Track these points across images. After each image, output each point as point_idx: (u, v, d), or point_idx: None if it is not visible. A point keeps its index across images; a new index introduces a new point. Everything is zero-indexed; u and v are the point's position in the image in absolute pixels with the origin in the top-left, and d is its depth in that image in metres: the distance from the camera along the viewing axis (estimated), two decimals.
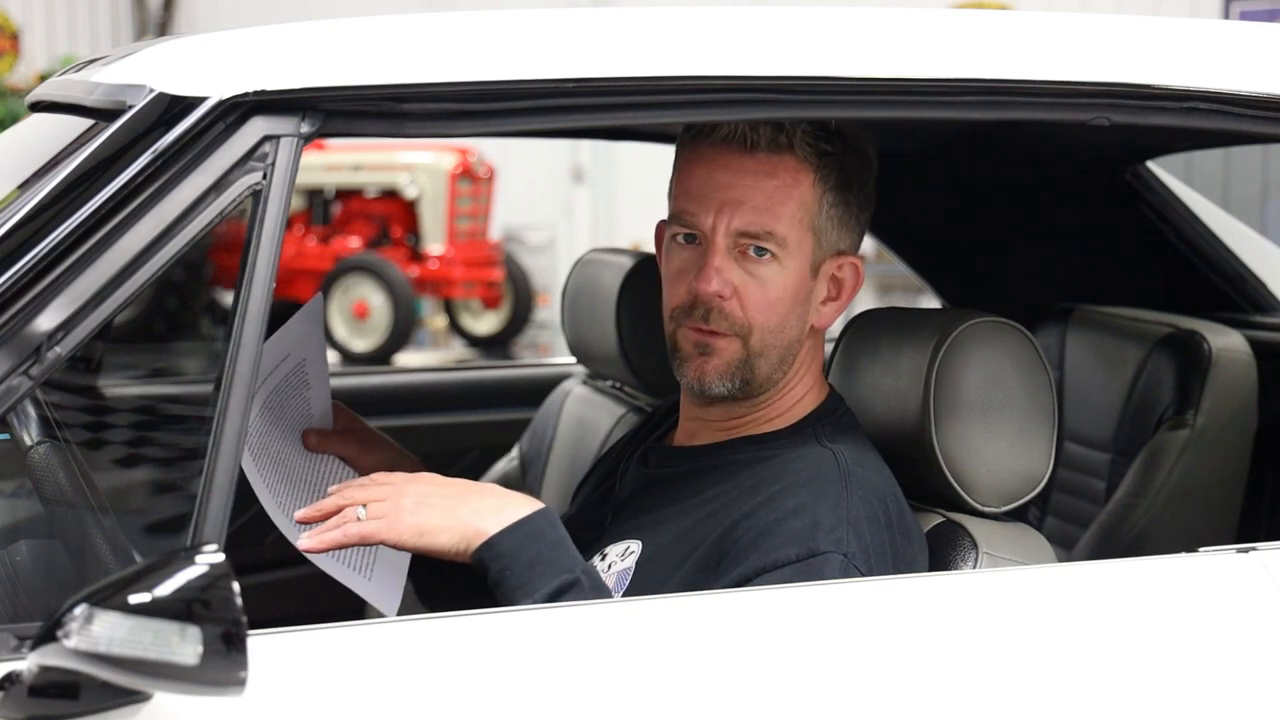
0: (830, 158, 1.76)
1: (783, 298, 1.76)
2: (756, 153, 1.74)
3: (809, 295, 1.79)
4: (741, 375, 1.77)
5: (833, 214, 1.78)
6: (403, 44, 1.61)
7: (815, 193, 1.76)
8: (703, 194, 1.76)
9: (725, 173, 1.75)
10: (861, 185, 1.81)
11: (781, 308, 1.76)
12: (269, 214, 1.50)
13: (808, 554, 1.64)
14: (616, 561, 1.77)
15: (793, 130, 1.74)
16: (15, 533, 1.86)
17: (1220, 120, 1.82)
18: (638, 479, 1.89)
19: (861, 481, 1.72)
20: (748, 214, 1.74)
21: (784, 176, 1.74)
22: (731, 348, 1.76)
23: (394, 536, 1.61)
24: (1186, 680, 1.66)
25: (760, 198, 1.74)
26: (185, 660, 1.29)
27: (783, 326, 1.77)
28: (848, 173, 1.79)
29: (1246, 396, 2.60)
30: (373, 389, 3.28)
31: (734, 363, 1.76)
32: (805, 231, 1.76)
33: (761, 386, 1.79)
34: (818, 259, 1.78)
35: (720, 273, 1.74)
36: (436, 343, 12.03)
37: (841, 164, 1.78)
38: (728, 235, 1.74)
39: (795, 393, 1.82)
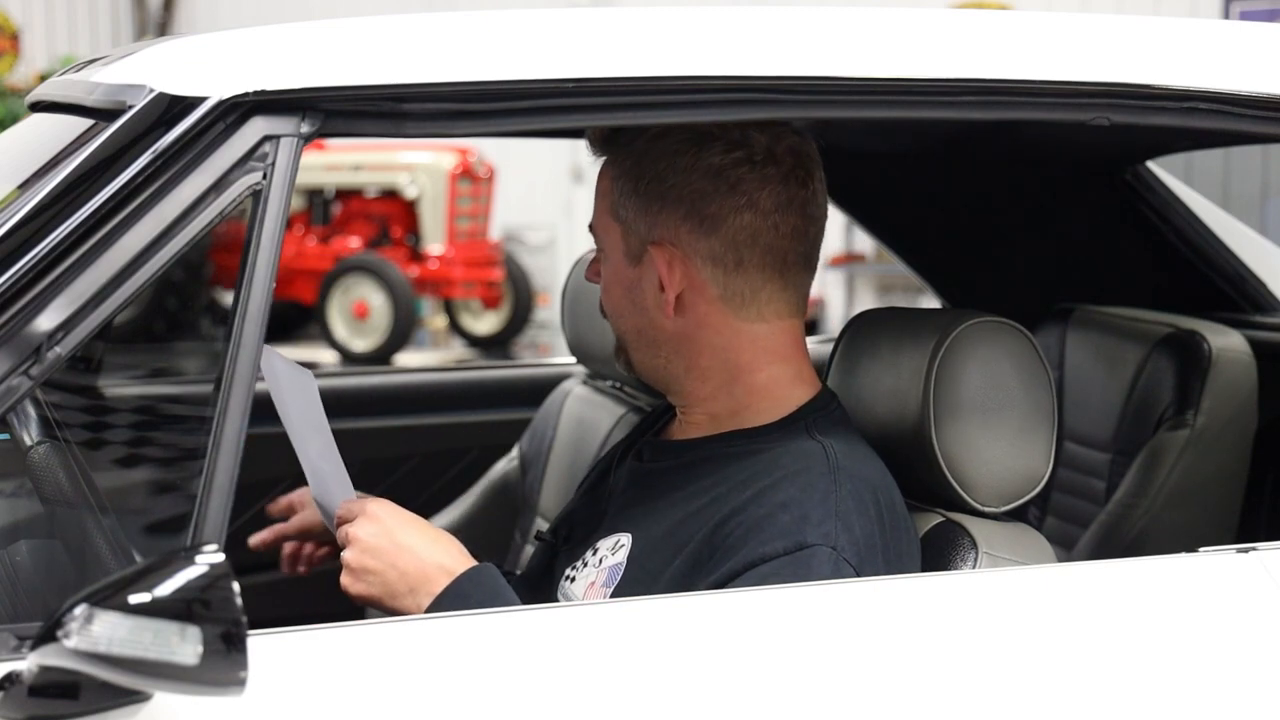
0: (620, 148, 1.81)
1: (609, 286, 1.86)
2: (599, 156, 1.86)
3: (635, 283, 1.81)
4: (623, 359, 1.88)
5: (629, 203, 1.80)
6: (403, 44, 1.61)
7: (609, 183, 1.83)
8: None
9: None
10: (662, 173, 1.76)
11: (612, 294, 1.85)
12: (269, 214, 1.50)
13: (796, 547, 1.64)
14: (607, 555, 1.78)
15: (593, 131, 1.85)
16: (15, 533, 1.86)
17: (1220, 120, 1.82)
18: (631, 473, 1.90)
19: (851, 474, 1.72)
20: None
21: (601, 174, 1.86)
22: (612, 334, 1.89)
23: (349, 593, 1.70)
24: (1186, 680, 1.66)
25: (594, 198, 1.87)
26: (185, 660, 1.29)
27: (620, 313, 1.85)
28: (639, 159, 1.79)
29: (1246, 396, 2.61)
30: (373, 389, 3.28)
31: (614, 348, 1.90)
32: (610, 219, 1.83)
33: (650, 371, 1.86)
34: (633, 247, 1.81)
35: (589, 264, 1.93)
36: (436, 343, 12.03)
37: (632, 151, 1.80)
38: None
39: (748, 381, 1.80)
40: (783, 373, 1.82)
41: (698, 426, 1.85)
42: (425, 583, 1.65)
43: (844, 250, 11.33)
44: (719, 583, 1.65)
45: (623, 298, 1.83)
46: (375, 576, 1.67)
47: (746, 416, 1.81)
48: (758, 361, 1.81)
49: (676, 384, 1.84)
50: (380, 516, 1.69)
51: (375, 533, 1.68)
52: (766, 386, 1.81)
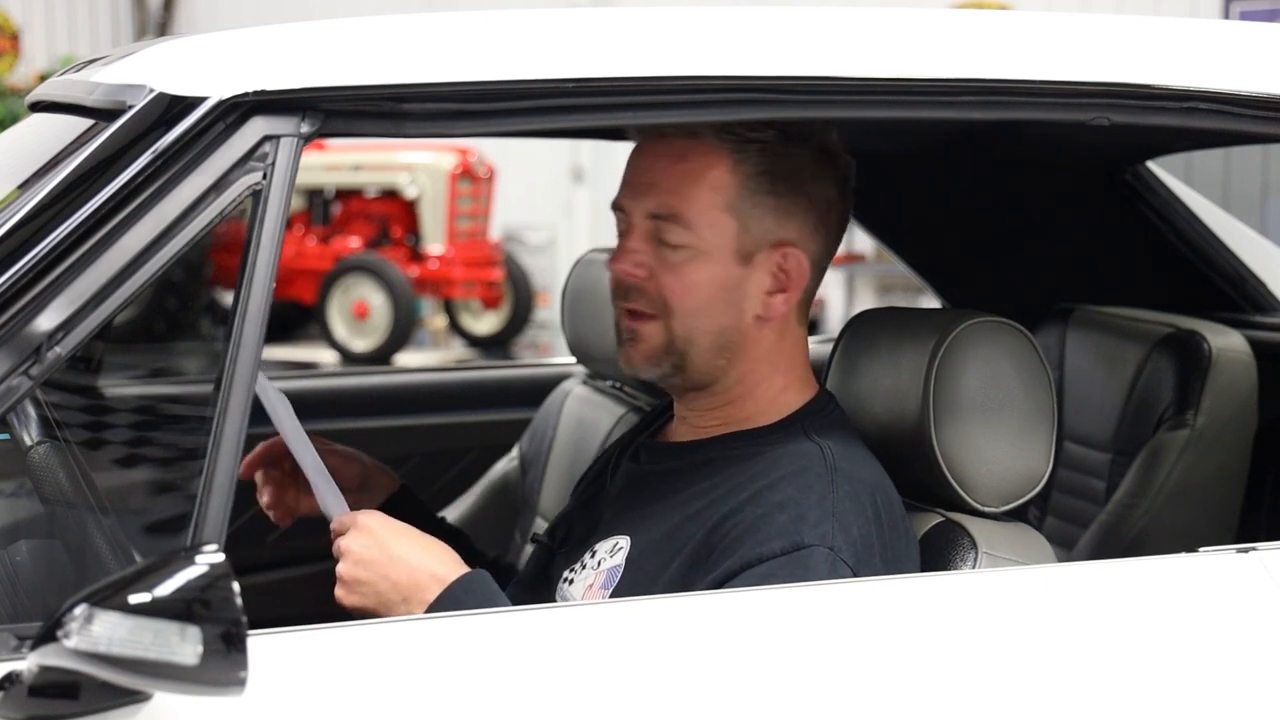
0: (754, 144, 1.76)
1: (700, 282, 1.76)
2: (670, 140, 1.78)
3: (740, 283, 1.77)
4: (670, 361, 1.78)
5: (760, 201, 1.76)
6: (403, 44, 1.61)
7: (733, 177, 1.76)
8: (627, 178, 1.82)
9: (644, 157, 1.80)
10: (803, 180, 1.78)
11: (700, 292, 1.76)
12: (269, 214, 1.50)
13: (793, 547, 1.64)
14: (606, 558, 1.78)
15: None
16: (15, 533, 1.86)
17: (1220, 120, 1.82)
18: (628, 475, 1.89)
19: (848, 475, 1.72)
20: (658, 195, 1.77)
21: (695, 160, 1.76)
22: (654, 332, 1.78)
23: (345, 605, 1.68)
24: (1186, 680, 1.66)
25: (670, 180, 1.77)
26: (185, 660, 1.29)
27: (706, 312, 1.77)
28: (778, 160, 1.77)
29: (1246, 396, 2.60)
30: (373, 389, 3.28)
31: (659, 348, 1.78)
32: (721, 214, 1.76)
33: (706, 375, 1.79)
34: (746, 245, 1.77)
35: (632, 253, 1.78)
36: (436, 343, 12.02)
37: (770, 151, 1.76)
38: (643, 217, 1.78)
39: (771, 385, 1.81)
40: (789, 376, 1.82)
41: (697, 429, 1.85)
42: (418, 591, 1.65)
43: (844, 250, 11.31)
44: (716, 582, 1.65)
45: (715, 296, 1.77)
46: (368, 588, 1.66)
47: (747, 419, 1.81)
48: (788, 367, 1.82)
49: (716, 386, 1.81)
50: (371, 528, 1.68)
51: (366, 544, 1.67)
52: (779, 391, 1.81)
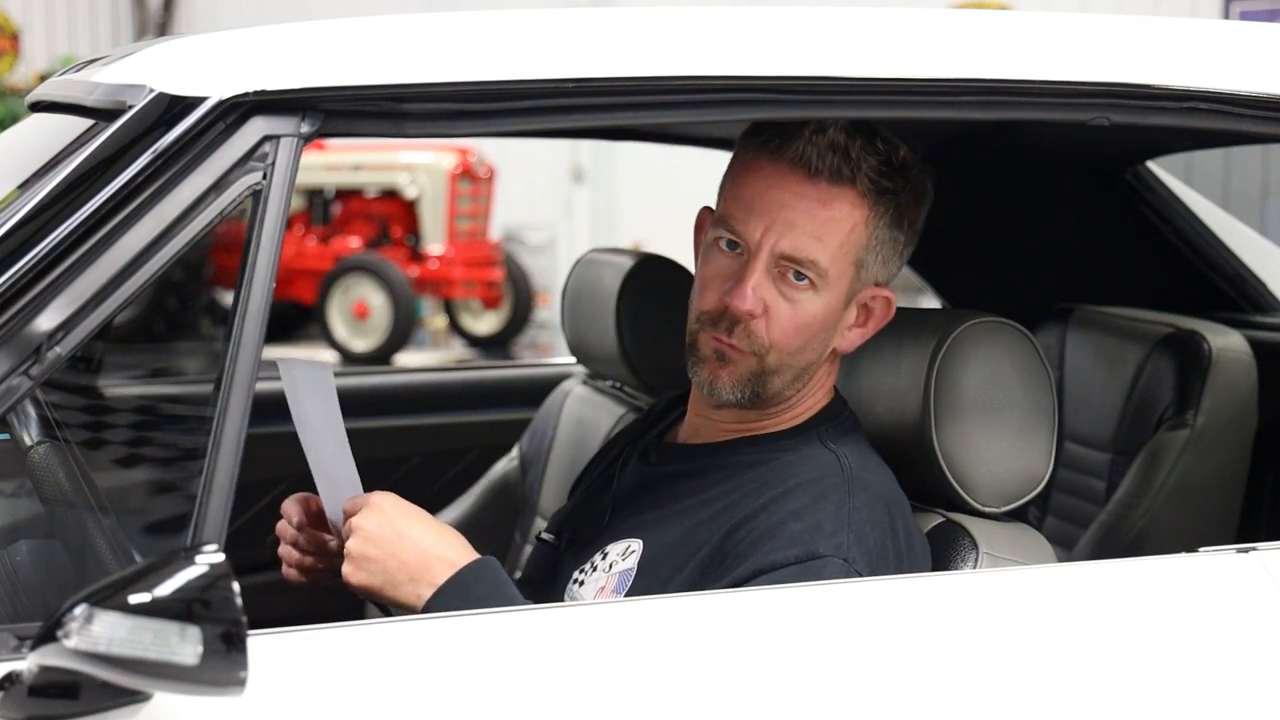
0: (889, 196, 1.75)
1: (810, 325, 1.75)
2: (818, 180, 1.72)
3: (837, 322, 1.78)
4: (753, 388, 1.76)
5: (880, 250, 1.77)
6: (403, 44, 1.61)
7: (868, 229, 1.75)
8: (755, 206, 1.74)
9: (782, 192, 1.73)
10: (913, 221, 1.80)
11: (807, 334, 1.75)
12: (269, 214, 1.50)
13: (807, 556, 1.64)
14: (618, 561, 1.77)
15: (859, 163, 1.72)
16: (15, 533, 1.86)
17: (1220, 120, 1.82)
18: (639, 475, 1.88)
19: (865, 485, 1.72)
20: (796, 238, 1.72)
21: (839, 208, 1.73)
22: (747, 363, 1.75)
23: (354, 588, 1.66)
24: (1186, 680, 1.66)
25: (812, 225, 1.72)
26: (185, 660, 1.29)
27: (803, 350, 1.76)
28: (903, 210, 1.78)
29: (1246, 396, 2.60)
30: (373, 389, 3.28)
31: (747, 375, 1.76)
32: (848, 265, 1.75)
33: (773, 400, 1.78)
34: (854, 290, 1.77)
35: (756, 291, 1.73)
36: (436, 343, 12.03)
37: (899, 201, 1.77)
38: (771, 254, 1.73)
39: (807, 403, 1.82)
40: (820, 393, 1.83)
41: (710, 431, 1.84)
42: (426, 572, 1.63)
43: None
44: (728, 587, 1.64)
45: (818, 335, 1.76)
46: (376, 565, 1.64)
47: (765, 425, 1.81)
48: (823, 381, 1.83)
49: (776, 405, 1.80)
50: (384, 507, 1.67)
51: (379, 522, 1.65)
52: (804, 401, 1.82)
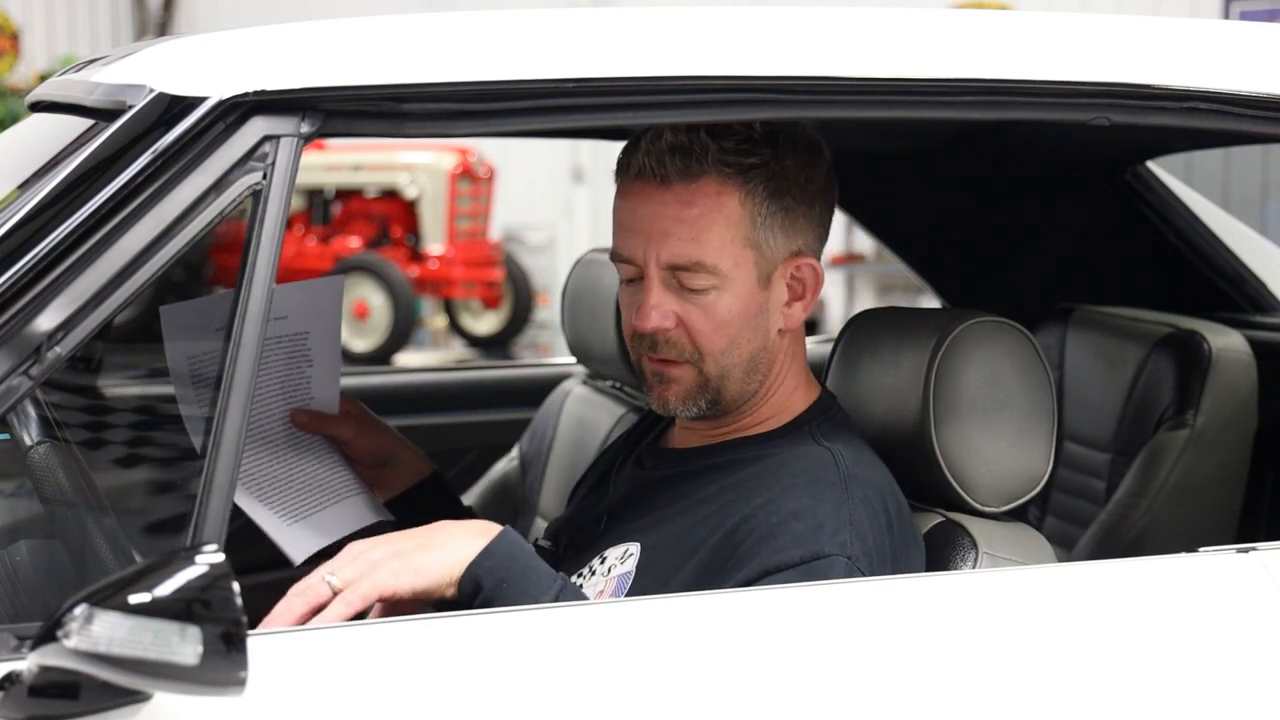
0: (756, 169, 1.73)
1: (729, 319, 1.74)
2: (670, 184, 1.72)
3: (763, 306, 1.76)
4: (706, 398, 1.76)
5: (771, 223, 1.74)
6: (403, 44, 1.61)
7: (744, 209, 1.73)
8: (629, 227, 1.76)
9: (647, 206, 1.74)
10: (803, 184, 1.76)
11: (729, 329, 1.74)
12: (269, 214, 1.50)
13: (812, 556, 1.64)
14: (616, 565, 1.77)
15: (704, 152, 1.71)
16: (15, 533, 1.86)
17: (1220, 120, 1.82)
18: (633, 481, 1.88)
19: (861, 482, 1.72)
20: (674, 245, 1.72)
21: (704, 203, 1.72)
22: (687, 374, 1.75)
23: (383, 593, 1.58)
24: (1186, 680, 1.66)
25: (683, 229, 1.72)
26: (185, 660, 1.29)
27: (736, 345, 1.75)
28: (781, 177, 1.74)
29: (1246, 396, 2.60)
30: (373, 389, 3.28)
31: (693, 388, 1.76)
32: (742, 249, 1.73)
33: (736, 400, 1.78)
34: (765, 269, 1.76)
35: (657, 307, 1.74)
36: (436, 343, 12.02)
37: (771, 171, 1.74)
38: (659, 269, 1.73)
39: (780, 394, 1.81)
40: (795, 378, 1.83)
41: (704, 435, 1.84)
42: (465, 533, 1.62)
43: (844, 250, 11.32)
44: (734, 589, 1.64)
45: (746, 326, 1.75)
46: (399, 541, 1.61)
47: (755, 423, 1.81)
48: (791, 369, 1.83)
49: (745, 404, 1.79)
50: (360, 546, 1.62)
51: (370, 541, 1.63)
52: (782, 394, 1.82)
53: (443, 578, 1.61)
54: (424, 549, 1.61)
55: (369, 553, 1.60)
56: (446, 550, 1.61)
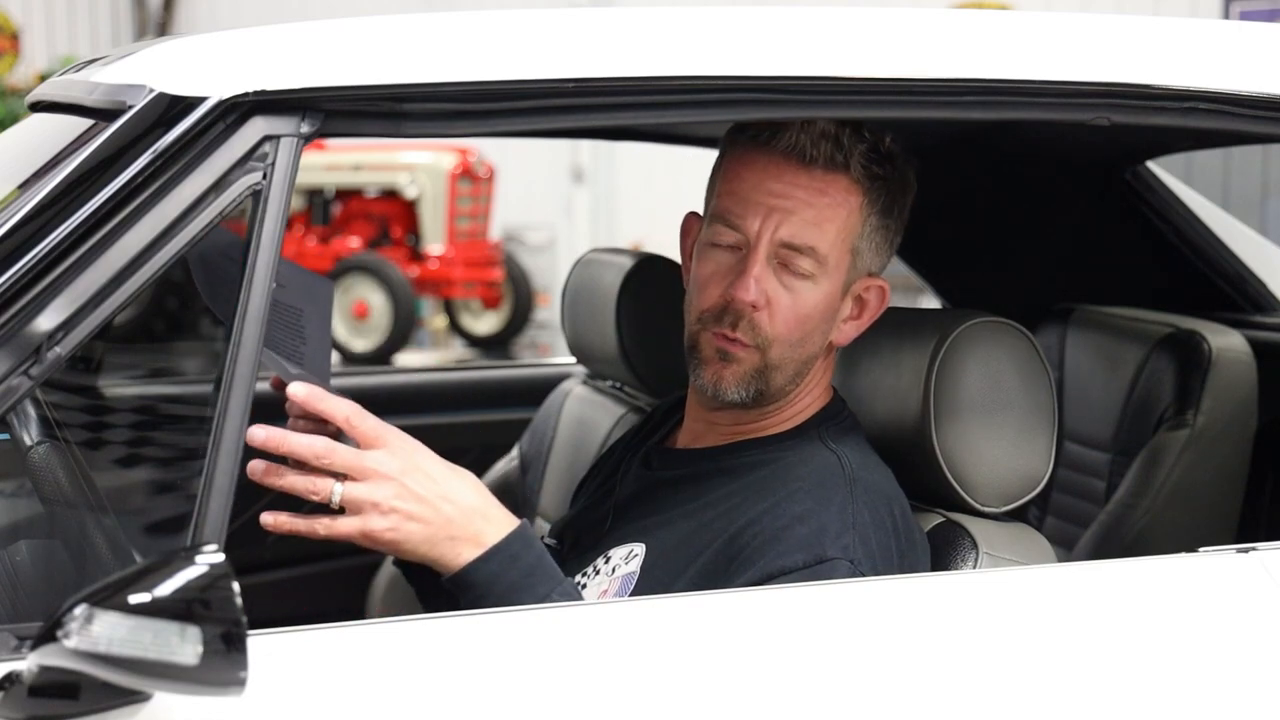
0: (880, 181, 1.76)
1: (811, 315, 1.75)
2: (813, 168, 1.73)
3: (836, 313, 1.79)
4: (757, 385, 1.76)
5: (873, 237, 1.78)
6: (403, 44, 1.61)
7: (861, 215, 1.76)
8: (752, 198, 1.75)
9: (778, 183, 1.74)
10: (902, 210, 1.81)
11: (808, 324, 1.76)
12: (269, 214, 1.50)
13: (815, 560, 1.64)
14: (621, 565, 1.77)
15: (851, 150, 1.74)
16: (15, 533, 1.86)
17: (1220, 120, 1.82)
18: (640, 481, 1.88)
19: (867, 486, 1.72)
20: (796, 226, 1.73)
21: (835, 195, 1.74)
22: (751, 358, 1.75)
23: (367, 545, 1.54)
24: (1186, 680, 1.66)
25: (810, 212, 1.73)
26: (185, 660, 1.29)
27: (804, 342, 1.76)
28: (893, 197, 1.79)
29: (1246, 396, 2.60)
30: (373, 389, 3.28)
31: (751, 372, 1.76)
32: (845, 252, 1.76)
33: (774, 397, 1.79)
34: (850, 279, 1.78)
35: (759, 282, 1.73)
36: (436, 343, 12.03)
37: (889, 188, 1.78)
38: (771, 244, 1.73)
39: (804, 401, 1.82)
40: (818, 389, 1.83)
41: (710, 435, 1.84)
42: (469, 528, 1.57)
43: None
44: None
45: (818, 326, 1.77)
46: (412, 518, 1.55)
47: (769, 425, 1.81)
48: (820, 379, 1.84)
49: (776, 402, 1.80)
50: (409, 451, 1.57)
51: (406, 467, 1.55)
52: (802, 401, 1.82)
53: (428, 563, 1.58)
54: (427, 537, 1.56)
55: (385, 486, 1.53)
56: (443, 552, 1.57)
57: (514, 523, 1.62)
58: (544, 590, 1.60)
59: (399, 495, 1.55)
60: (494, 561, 1.59)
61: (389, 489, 1.54)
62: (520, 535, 1.62)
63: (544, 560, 1.63)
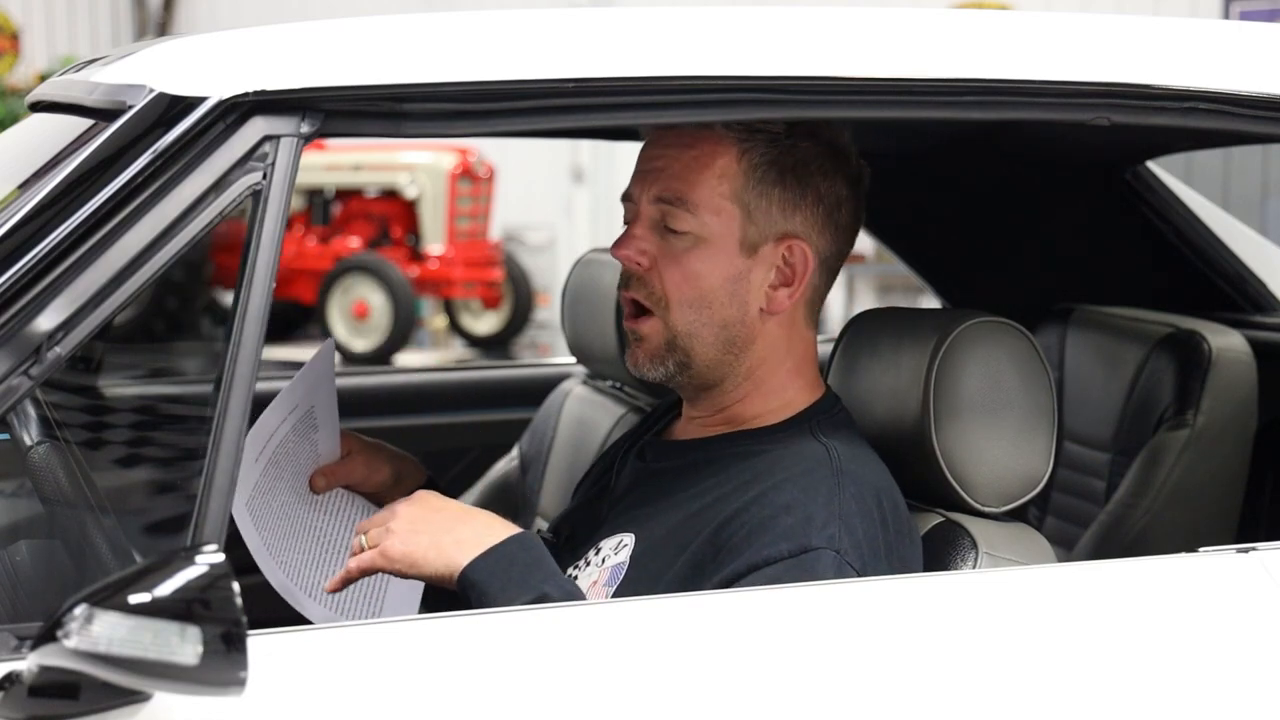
0: (761, 135, 1.76)
1: (701, 273, 1.76)
2: (679, 129, 1.78)
3: (743, 275, 1.77)
4: (674, 358, 1.78)
5: (766, 192, 1.77)
6: (403, 44, 1.61)
7: (739, 165, 1.76)
8: (637, 169, 1.82)
9: (653, 147, 1.81)
10: (810, 174, 1.78)
11: (700, 283, 1.76)
12: (269, 214, 1.50)
13: (800, 550, 1.64)
14: (610, 555, 1.78)
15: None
16: (15, 533, 1.86)
17: (1220, 120, 1.82)
18: (634, 473, 1.89)
19: (854, 477, 1.72)
20: (665, 179, 1.78)
21: (703, 147, 1.77)
22: (655, 329, 1.78)
23: (387, 566, 1.66)
24: (1186, 680, 1.66)
25: (678, 166, 1.78)
26: (185, 660, 1.29)
27: (707, 302, 1.77)
28: (786, 154, 1.77)
29: (1246, 396, 2.60)
30: (373, 389, 3.28)
31: (661, 345, 1.79)
32: (726, 202, 1.76)
33: (713, 371, 1.79)
34: (751, 237, 1.77)
35: (637, 240, 1.79)
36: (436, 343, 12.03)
37: (777, 144, 1.77)
38: (650, 204, 1.78)
39: (775, 385, 1.81)
40: (797, 376, 1.83)
41: (704, 427, 1.84)
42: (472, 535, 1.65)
43: None
44: (723, 583, 1.64)
45: (720, 287, 1.77)
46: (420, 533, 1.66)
47: (754, 418, 1.81)
48: (795, 366, 1.83)
49: (724, 384, 1.81)
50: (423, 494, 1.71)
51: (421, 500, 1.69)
52: (784, 390, 1.82)
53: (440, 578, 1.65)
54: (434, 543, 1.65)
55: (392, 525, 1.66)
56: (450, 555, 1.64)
57: (513, 529, 1.68)
58: (537, 583, 1.63)
59: (408, 518, 1.67)
60: (492, 559, 1.63)
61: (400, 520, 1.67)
62: (519, 539, 1.66)
63: (543, 560, 1.66)
